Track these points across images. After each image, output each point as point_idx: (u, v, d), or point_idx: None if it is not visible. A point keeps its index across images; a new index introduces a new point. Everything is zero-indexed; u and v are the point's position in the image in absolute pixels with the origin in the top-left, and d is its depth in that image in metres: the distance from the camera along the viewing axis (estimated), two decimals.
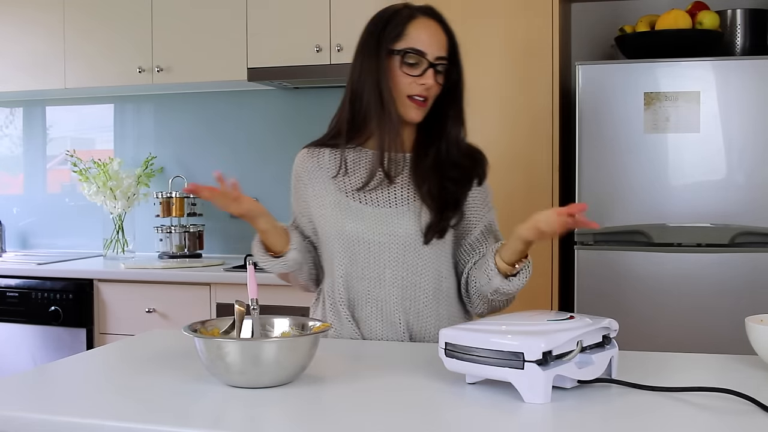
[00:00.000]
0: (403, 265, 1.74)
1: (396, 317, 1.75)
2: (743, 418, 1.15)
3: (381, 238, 1.74)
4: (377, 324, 1.76)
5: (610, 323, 1.34)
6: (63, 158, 4.08)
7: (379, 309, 1.76)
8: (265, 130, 3.78)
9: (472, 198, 1.81)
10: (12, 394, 1.34)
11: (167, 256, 3.70)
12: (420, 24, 1.74)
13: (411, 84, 1.72)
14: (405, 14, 1.75)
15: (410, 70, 1.72)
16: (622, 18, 3.27)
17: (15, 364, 3.41)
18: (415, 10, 1.76)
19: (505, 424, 1.18)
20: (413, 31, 1.73)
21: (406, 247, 1.74)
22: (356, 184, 1.77)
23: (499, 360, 1.23)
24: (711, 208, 2.68)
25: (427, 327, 1.77)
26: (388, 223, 1.74)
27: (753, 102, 2.65)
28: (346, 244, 1.76)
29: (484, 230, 1.81)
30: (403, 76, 1.72)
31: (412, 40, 1.72)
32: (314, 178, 1.83)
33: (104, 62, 3.65)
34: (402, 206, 1.75)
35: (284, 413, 1.25)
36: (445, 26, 1.77)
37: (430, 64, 1.72)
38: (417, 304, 1.76)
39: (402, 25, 1.73)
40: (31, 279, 3.45)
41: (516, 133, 2.94)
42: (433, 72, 1.72)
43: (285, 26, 3.35)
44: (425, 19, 1.75)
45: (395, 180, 1.76)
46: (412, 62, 1.72)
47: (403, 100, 1.73)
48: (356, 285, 1.76)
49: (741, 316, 1.52)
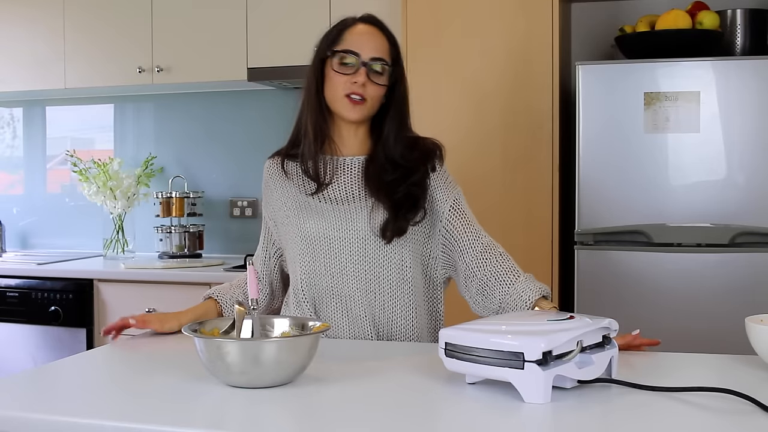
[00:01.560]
0: (364, 259, 1.78)
1: (360, 311, 1.77)
2: (743, 418, 1.15)
3: (340, 233, 1.78)
4: (342, 320, 1.78)
5: (610, 323, 1.34)
6: (63, 158, 4.08)
7: (343, 305, 1.78)
8: (265, 130, 3.78)
9: (431, 185, 1.84)
10: (12, 394, 1.34)
11: (167, 256, 3.70)
12: (357, 29, 1.83)
13: (345, 83, 1.78)
14: (345, 23, 1.84)
15: (344, 69, 1.79)
16: (622, 18, 3.27)
17: (15, 364, 3.41)
18: (356, 19, 1.85)
19: (505, 424, 1.18)
20: (349, 36, 1.82)
21: (366, 242, 1.77)
22: (314, 186, 1.83)
23: (499, 360, 1.23)
24: (711, 208, 2.68)
25: (393, 318, 1.79)
26: (345, 218, 1.79)
27: (753, 102, 2.65)
28: (307, 241, 1.80)
29: (451, 209, 1.83)
30: (338, 76, 1.79)
31: (347, 43, 1.80)
32: (278, 183, 1.90)
33: (104, 62, 3.65)
34: (356, 203, 1.80)
35: (284, 413, 1.25)
36: (384, 32, 1.84)
37: (363, 63, 1.78)
38: (381, 297, 1.78)
39: (340, 32, 1.83)
40: (31, 279, 3.45)
41: (516, 133, 2.94)
42: (365, 71, 1.77)
43: (285, 26, 3.35)
44: (363, 25, 1.84)
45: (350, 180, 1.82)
46: (347, 62, 1.79)
47: (341, 100, 1.79)
48: (319, 282, 1.79)
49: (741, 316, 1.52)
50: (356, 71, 1.77)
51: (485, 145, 2.97)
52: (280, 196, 1.88)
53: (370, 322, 1.78)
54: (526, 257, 2.91)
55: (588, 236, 2.77)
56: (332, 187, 1.82)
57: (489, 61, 2.97)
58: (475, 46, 2.97)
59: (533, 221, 2.92)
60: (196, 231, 3.76)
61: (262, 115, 3.80)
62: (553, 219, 2.90)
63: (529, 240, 2.92)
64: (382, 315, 1.78)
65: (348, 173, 1.84)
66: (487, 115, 2.97)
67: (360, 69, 1.77)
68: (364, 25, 1.83)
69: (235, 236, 3.84)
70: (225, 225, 3.87)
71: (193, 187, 3.86)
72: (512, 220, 2.93)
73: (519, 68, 2.94)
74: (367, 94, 1.78)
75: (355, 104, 1.78)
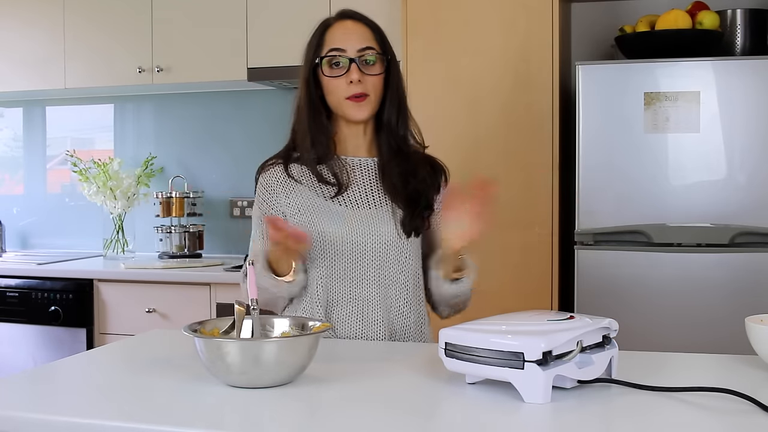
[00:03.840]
0: (385, 264, 1.77)
1: (376, 316, 1.76)
2: (743, 418, 1.15)
3: (362, 238, 1.76)
4: (356, 324, 1.76)
5: (610, 323, 1.33)
6: (63, 158, 4.08)
7: (359, 309, 1.76)
8: (265, 130, 3.78)
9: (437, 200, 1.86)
10: (12, 394, 1.34)
11: (167, 256, 3.70)
12: (336, 27, 1.80)
13: (342, 86, 1.75)
14: (324, 24, 1.81)
15: (336, 71, 1.75)
16: (622, 18, 3.26)
17: (15, 364, 3.41)
18: (333, 18, 1.81)
19: (504, 424, 1.18)
20: (330, 36, 1.78)
21: (387, 246, 1.77)
22: (333, 190, 1.79)
23: (499, 360, 1.23)
24: (711, 208, 2.68)
25: (407, 324, 1.80)
26: (368, 223, 1.77)
27: (753, 102, 2.65)
28: (326, 246, 1.77)
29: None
30: (331, 80, 1.76)
31: (330, 43, 1.77)
32: (285, 188, 1.81)
33: (104, 62, 3.65)
34: (379, 207, 1.79)
35: (284, 413, 1.25)
36: (364, 21, 1.81)
37: (352, 60, 1.75)
38: (398, 302, 1.79)
39: (321, 35, 1.79)
40: (31, 279, 3.45)
41: (516, 133, 2.94)
42: (356, 66, 1.75)
43: (285, 26, 3.35)
44: (340, 21, 1.80)
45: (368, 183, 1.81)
46: (336, 62, 1.75)
47: (343, 103, 1.77)
48: (336, 286, 1.77)
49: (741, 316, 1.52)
50: (348, 69, 1.74)
51: (485, 145, 2.97)
52: (289, 201, 1.80)
53: (386, 327, 1.77)
54: (526, 257, 2.93)
55: (588, 236, 2.77)
56: (350, 191, 1.80)
57: (489, 61, 2.97)
58: (475, 46, 2.97)
59: (533, 221, 2.92)
60: (196, 231, 3.76)
61: (262, 115, 3.80)
62: (553, 219, 2.90)
63: (529, 240, 2.92)
64: (398, 320, 1.79)
65: (363, 175, 1.82)
66: (486, 115, 2.97)
67: (351, 65, 1.74)
68: (342, 21, 1.80)
69: (235, 236, 3.83)
70: (225, 225, 3.87)
71: (193, 187, 3.86)
72: (512, 220, 2.93)
73: (519, 68, 2.94)
74: (366, 89, 1.76)
75: (359, 102, 1.76)
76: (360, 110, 1.77)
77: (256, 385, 1.31)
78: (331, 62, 1.76)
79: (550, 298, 2.89)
